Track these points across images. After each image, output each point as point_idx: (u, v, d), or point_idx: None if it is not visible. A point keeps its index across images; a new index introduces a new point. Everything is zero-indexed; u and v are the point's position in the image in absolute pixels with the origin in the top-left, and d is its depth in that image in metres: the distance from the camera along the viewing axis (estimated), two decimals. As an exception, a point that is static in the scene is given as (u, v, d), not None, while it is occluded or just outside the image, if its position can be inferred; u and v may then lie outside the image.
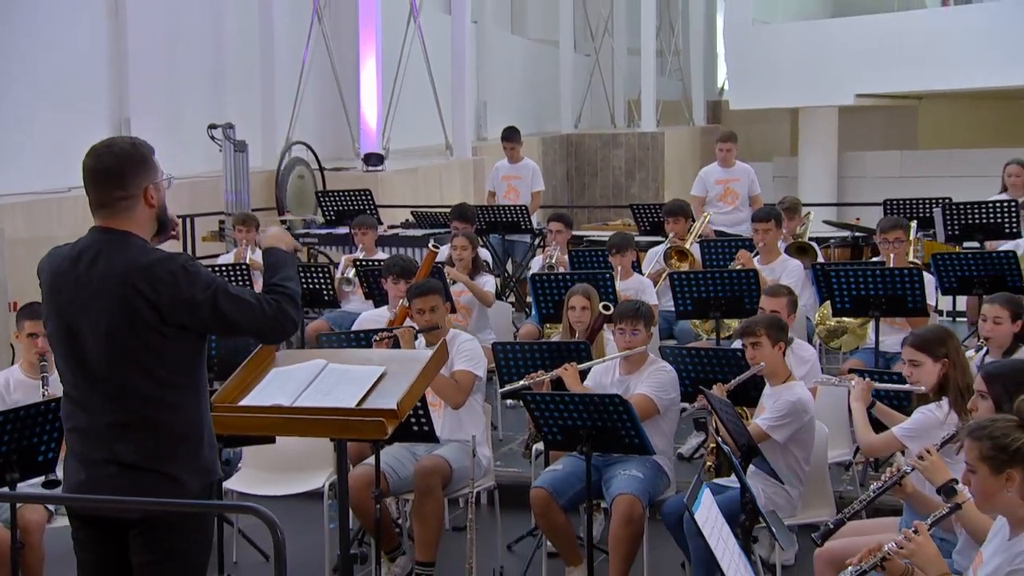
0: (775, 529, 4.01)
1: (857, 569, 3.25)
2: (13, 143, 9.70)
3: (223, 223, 10.12)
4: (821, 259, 8.02)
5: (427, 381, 3.88)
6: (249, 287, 7.77)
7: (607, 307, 5.88)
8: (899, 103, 19.46)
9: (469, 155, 14.90)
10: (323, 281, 7.84)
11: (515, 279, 9.85)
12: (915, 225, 8.05)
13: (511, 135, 10.46)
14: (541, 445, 5.74)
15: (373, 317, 6.64)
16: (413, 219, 10.44)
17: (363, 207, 9.81)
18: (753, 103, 18.11)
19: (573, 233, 8.79)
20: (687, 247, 7.98)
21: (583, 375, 5.44)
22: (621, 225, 11.60)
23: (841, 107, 18.05)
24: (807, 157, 18.83)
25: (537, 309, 7.21)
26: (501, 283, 9.26)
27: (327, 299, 7.92)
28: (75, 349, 3.25)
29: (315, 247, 10.27)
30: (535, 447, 5.87)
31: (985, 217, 8.16)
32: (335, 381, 3.73)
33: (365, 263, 7.88)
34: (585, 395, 4.96)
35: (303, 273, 7.76)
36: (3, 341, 7.80)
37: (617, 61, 21.22)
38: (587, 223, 14.83)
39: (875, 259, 7.77)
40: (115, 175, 3.27)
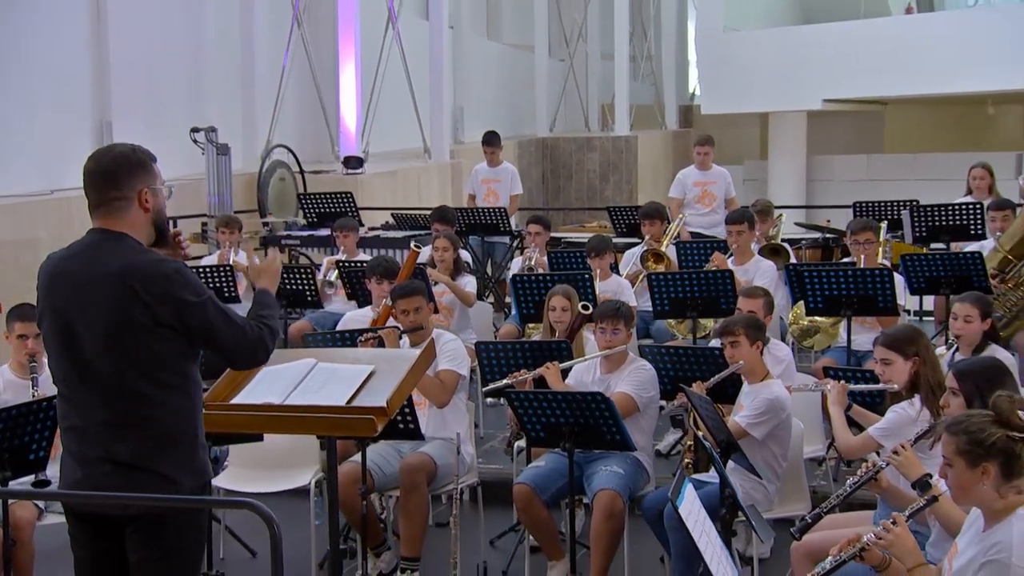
0: (755, 522, 4.05)
1: (837, 559, 3.28)
2: (-4, 146, 9.66)
3: (206, 225, 10.08)
4: (793, 260, 8.09)
5: (416, 379, 3.91)
6: (233, 289, 7.79)
7: (586, 307, 5.91)
8: (865, 108, 19.62)
9: (447, 158, 14.91)
10: (306, 282, 7.83)
11: (494, 280, 9.88)
12: (884, 227, 8.14)
13: (492, 139, 10.50)
14: (523, 442, 5.77)
15: (357, 317, 6.64)
16: (393, 221, 10.44)
17: (344, 209, 9.81)
18: (724, 108, 18.19)
19: (551, 235, 8.83)
20: (663, 249, 8.02)
21: (564, 374, 5.46)
22: (597, 227, 11.63)
23: (809, 112, 18.17)
24: (777, 161, 18.95)
25: (518, 309, 7.24)
26: (481, 284, 9.27)
27: (310, 300, 7.92)
28: (71, 348, 3.25)
29: (296, 249, 10.26)
30: (517, 444, 5.91)
31: (951, 219, 8.27)
32: (324, 380, 3.75)
33: (347, 264, 7.89)
34: (568, 393, 4.99)
35: (286, 274, 7.77)
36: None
37: (591, 66, 21.26)
38: (562, 225, 14.86)
39: (845, 260, 7.84)
40: (110, 176, 3.28)
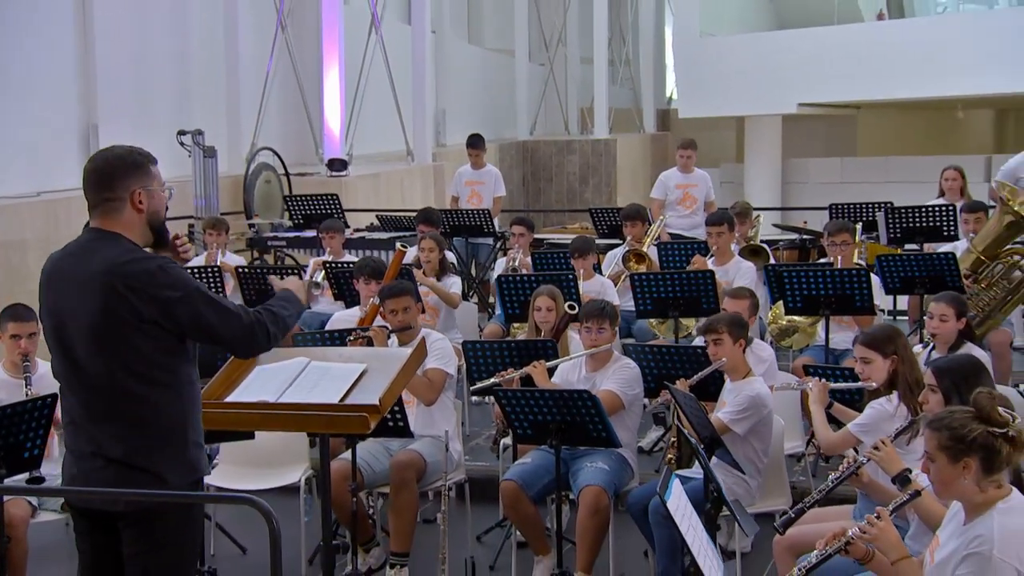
0: (739, 516, 4.07)
1: (822, 553, 3.31)
2: (-17, 149, 9.60)
3: (192, 227, 10.05)
4: (772, 261, 8.13)
5: (407, 378, 3.92)
6: (221, 289, 7.76)
7: (572, 307, 5.93)
8: (839, 112, 19.74)
9: (429, 161, 14.91)
10: (293, 283, 7.79)
11: (478, 281, 9.88)
12: (859, 228, 8.19)
13: (476, 142, 10.52)
14: (508, 440, 5.79)
15: (346, 317, 6.64)
16: (378, 223, 10.43)
17: (330, 211, 9.79)
18: (701, 111, 18.27)
19: (534, 236, 8.85)
20: (644, 250, 8.05)
21: (550, 373, 5.48)
22: (579, 229, 11.66)
23: (785, 116, 18.28)
24: (753, 163, 19.05)
25: (503, 309, 7.25)
26: (465, 285, 9.28)
27: (297, 300, 7.88)
28: (64, 345, 3.27)
29: (282, 250, 10.24)
30: (502, 442, 5.92)
31: (925, 221, 8.32)
32: (318, 378, 3.75)
33: (334, 265, 7.88)
34: (555, 391, 5.00)
35: (273, 275, 7.75)
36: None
37: (570, 70, 21.31)
38: (544, 227, 14.88)
39: (822, 260, 7.89)
40: (105, 177, 3.29)
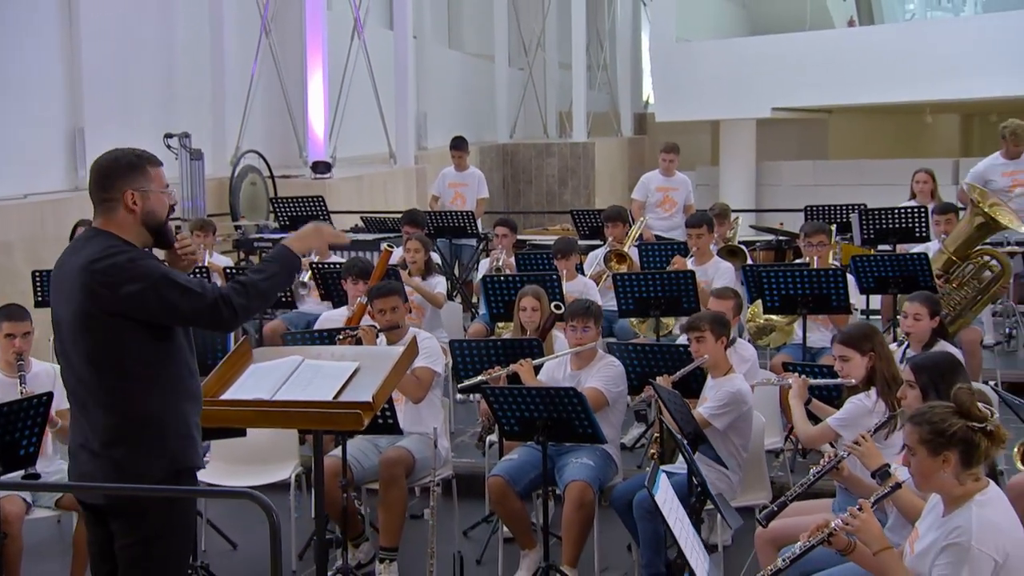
0: (723, 509, 4.11)
1: (805, 544, 3.34)
2: (-31, 152, 9.54)
3: (179, 229, 10.00)
4: (749, 261, 8.18)
5: (399, 376, 3.93)
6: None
7: (559, 307, 5.96)
8: (811, 116, 19.85)
9: (412, 163, 14.92)
10: (280, 283, 7.79)
11: (461, 281, 9.89)
12: (834, 229, 8.25)
13: (460, 144, 10.53)
14: (494, 437, 5.81)
15: (334, 317, 6.65)
16: (362, 224, 10.43)
17: (315, 213, 9.78)
18: (677, 116, 18.32)
19: (517, 237, 8.87)
20: (626, 250, 8.09)
21: (536, 371, 5.50)
22: (560, 230, 11.69)
23: (759, 120, 18.35)
24: (727, 166, 19.12)
25: (488, 309, 7.26)
26: (449, 285, 9.29)
27: (284, 300, 7.89)
28: (60, 340, 3.34)
29: (268, 251, 10.19)
30: (488, 439, 5.94)
31: (898, 222, 8.39)
32: (311, 376, 3.76)
33: (320, 266, 7.88)
34: (542, 388, 5.03)
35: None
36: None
37: (549, 75, 21.33)
38: (524, 228, 14.88)
39: (798, 261, 7.94)
40: (102, 177, 3.32)
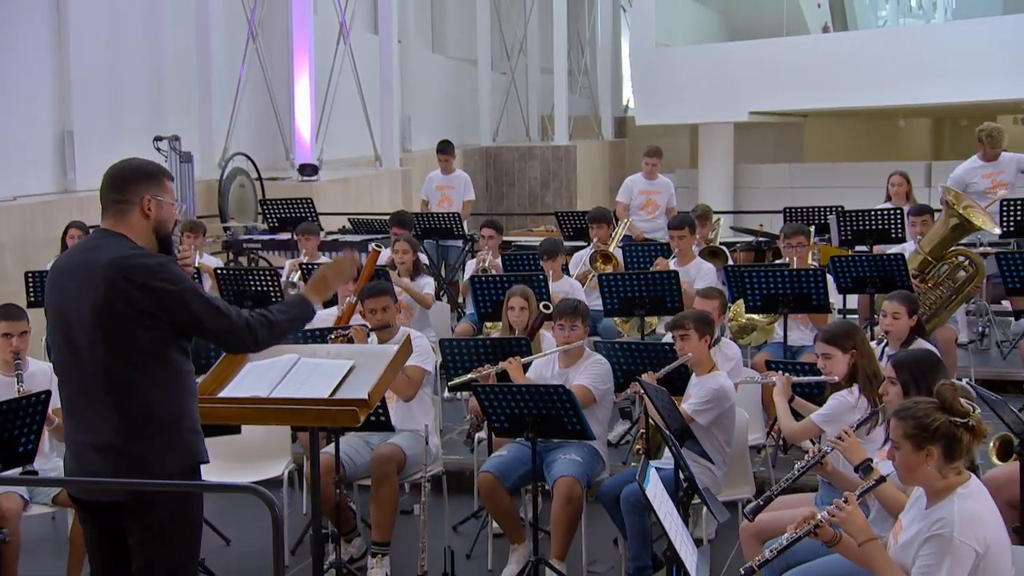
0: (710, 502, 4.14)
1: (792, 536, 3.38)
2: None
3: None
4: (731, 262, 8.23)
5: (394, 373, 3.96)
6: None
7: (547, 307, 5.97)
8: (787, 120, 19.95)
9: (397, 166, 14.93)
10: (270, 284, 7.80)
11: (447, 281, 9.91)
12: (812, 230, 8.31)
13: (446, 148, 10.54)
14: (482, 434, 5.83)
15: (325, 316, 6.63)
16: (350, 226, 10.43)
17: (305, 214, 9.77)
18: (656, 119, 18.37)
19: (502, 238, 8.90)
20: (611, 251, 8.12)
21: (525, 369, 5.52)
22: (544, 231, 11.72)
23: (736, 123, 18.42)
24: (706, 169, 19.17)
25: (476, 308, 7.28)
26: (436, 285, 9.30)
27: (275, 301, 7.86)
28: (67, 339, 3.31)
29: (257, 252, 10.21)
30: (476, 435, 5.96)
31: (874, 224, 8.45)
32: (308, 373, 3.78)
33: (310, 267, 7.88)
34: (531, 385, 5.04)
35: (250, 277, 7.76)
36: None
37: (531, 79, 21.37)
38: (507, 230, 14.91)
39: (778, 261, 7.99)
40: (119, 180, 3.37)
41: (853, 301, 8.26)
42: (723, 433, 5.17)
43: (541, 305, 6.01)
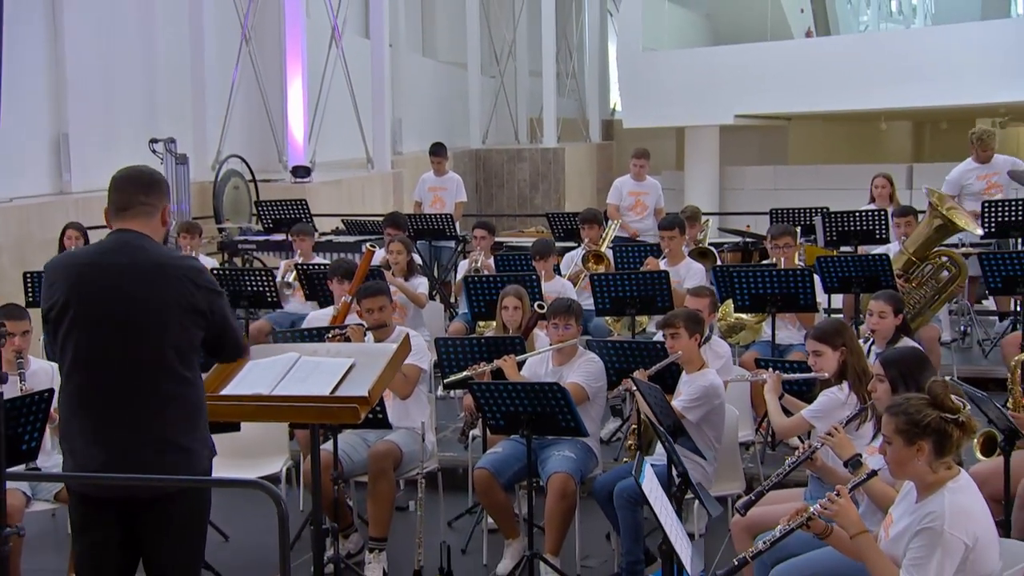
0: (703, 497, 4.16)
1: (784, 528, 3.40)
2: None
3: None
4: (719, 262, 8.26)
5: (394, 371, 3.96)
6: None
7: (542, 307, 5.98)
8: (772, 123, 20.03)
9: (389, 168, 14.93)
10: (266, 284, 7.80)
11: (440, 281, 9.92)
12: (798, 231, 8.34)
13: (438, 150, 10.55)
14: (477, 431, 5.84)
15: (321, 316, 6.66)
16: (344, 227, 10.42)
17: (299, 216, 9.77)
18: (643, 122, 18.43)
19: (494, 239, 8.90)
20: (602, 251, 8.14)
21: (519, 366, 5.53)
22: (535, 232, 11.73)
23: (722, 126, 18.49)
24: (692, 171, 19.24)
25: (470, 308, 7.29)
26: (429, 285, 9.31)
27: (270, 300, 7.89)
28: (108, 334, 3.27)
29: (251, 253, 10.20)
30: (471, 433, 5.97)
31: (859, 224, 8.49)
32: (309, 372, 3.78)
33: (305, 267, 7.89)
34: (526, 383, 5.06)
35: (245, 277, 7.79)
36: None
37: (520, 82, 21.40)
38: (498, 231, 14.91)
39: (765, 262, 8.02)
40: (144, 183, 3.43)
41: (838, 300, 8.31)
42: (713, 430, 5.20)
43: (536, 305, 6.03)
